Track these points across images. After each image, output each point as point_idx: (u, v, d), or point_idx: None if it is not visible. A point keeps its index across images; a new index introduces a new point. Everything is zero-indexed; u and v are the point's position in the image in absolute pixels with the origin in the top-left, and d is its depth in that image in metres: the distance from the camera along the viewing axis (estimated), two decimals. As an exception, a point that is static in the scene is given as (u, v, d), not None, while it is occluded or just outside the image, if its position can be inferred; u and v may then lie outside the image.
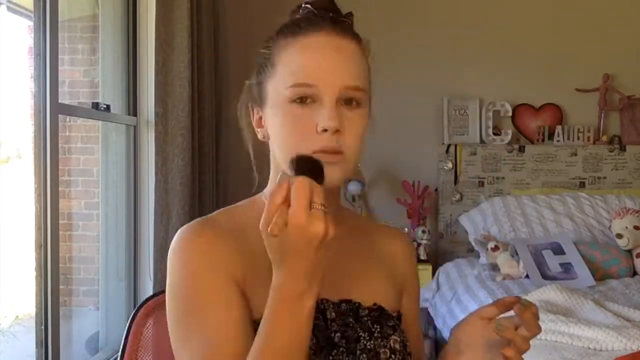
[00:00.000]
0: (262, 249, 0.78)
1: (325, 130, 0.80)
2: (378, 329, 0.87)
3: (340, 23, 0.86)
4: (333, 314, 0.86)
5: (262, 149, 0.93)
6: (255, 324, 0.79)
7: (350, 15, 0.90)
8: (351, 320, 0.87)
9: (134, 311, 1.12)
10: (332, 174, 0.79)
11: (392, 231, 1.04)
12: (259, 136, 0.90)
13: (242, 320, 0.80)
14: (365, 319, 0.88)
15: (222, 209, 0.93)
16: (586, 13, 3.50)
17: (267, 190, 0.93)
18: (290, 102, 0.82)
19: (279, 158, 0.86)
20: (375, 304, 0.89)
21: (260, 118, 0.90)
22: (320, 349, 0.83)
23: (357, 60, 0.85)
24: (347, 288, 0.89)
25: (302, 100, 0.82)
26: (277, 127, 0.85)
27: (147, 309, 1.11)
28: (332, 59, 0.82)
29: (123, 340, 1.09)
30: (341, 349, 0.84)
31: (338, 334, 0.85)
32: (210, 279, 0.82)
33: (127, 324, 1.10)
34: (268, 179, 0.94)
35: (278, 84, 0.84)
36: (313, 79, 0.81)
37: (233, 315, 0.80)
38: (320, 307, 0.85)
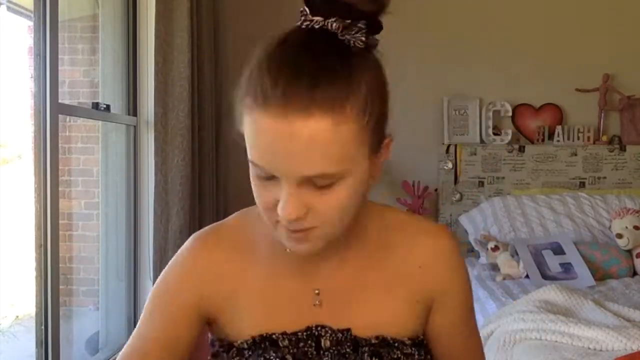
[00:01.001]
0: (262, 267, 0.82)
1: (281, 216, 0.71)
2: None
3: (300, 95, 0.66)
4: (328, 342, 0.81)
5: None
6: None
7: (358, 31, 0.70)
8: (349, 351, 0.81)
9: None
10: (300, 249, 0.75)
11: (423, 228, 0.88)
12: None
13: (168, 341, 0.82)
14: (364, 350, 0.81)
15: (240, 212, 0.90)
16: (586, 13, 3.50)
17: None
18: (256, 174, 0.73)
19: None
20: (377, 336, 0.81)
21: None
22: None
23: (321, 144, 0.67)
24: (349, 315, 0.82)
25: (264, 175, 0.71)
26: None
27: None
28: (285, 148, 0.67)
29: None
30: None
31: None
32: (175, 286, 0.85)
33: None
34: None
35: (246, 140, 0.73)
36: (266, 164, 0.70)
37: (170, 321, 0.83)
38: (314, 334, 0.81)
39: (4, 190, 3.07)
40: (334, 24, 0.69)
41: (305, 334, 0.81)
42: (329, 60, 0.69)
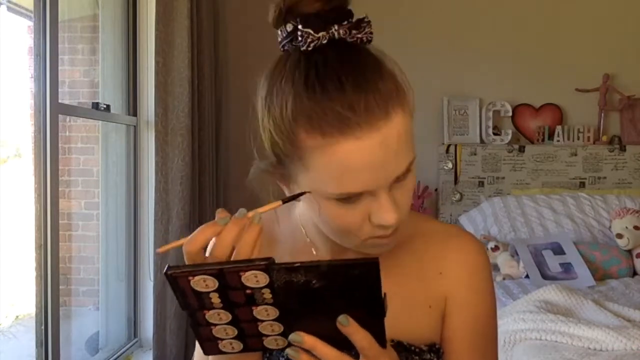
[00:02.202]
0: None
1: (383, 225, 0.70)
2: None
3: (377, 100, 0.66)
4: None
5: None
6: None
7: (365, 27, 0.71)
8: None
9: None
10: (383, 250, 0.75)
11: (448, 235, 0.87)
12: (286, 192, 0.78)
13: None
14: None
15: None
16: (586, 13, 3.50)
17: (303, 214, 0.85)
18: (336, 199, 0.70)
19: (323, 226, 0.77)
20: (393, 340, 0.78)
21: (287, 182, 0.76)
22: None
23: (404, 137, 0.69)
24: None
25: (346, 199, 0.69)
26: (319, 213, 0.73)
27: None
28: (381, 159, 0.67)
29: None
30: None
31: None
32: None
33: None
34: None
35: (315, 183, 0.70)
36: (361, 186, 0.68)
37: None
38: None
39: (4, 190, 3.07)
40: (340, 31, 0.69)
41: None
42: (359, 61, 0.69)
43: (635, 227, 2.81)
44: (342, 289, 0.60)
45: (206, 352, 0.66)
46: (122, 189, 2.73)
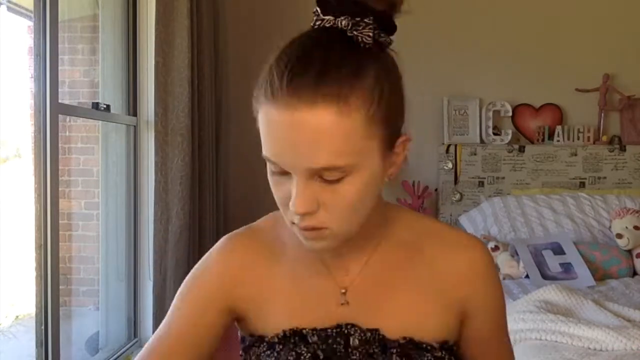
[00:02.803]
0: (288, 268, 0.85)
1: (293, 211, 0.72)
2: None
3: (306, 86, 0.68)
4: (357, 341, 0.81)
5: None
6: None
7: (365, 27, 0.72)
8: (377, 351, 0.81)
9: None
10: (315, 246, 0.76)
11: (457, 239, 0.87)
12: None
13: (193, 336, 0.84)
14: (393, 351, 0.80)
15: (270, 214, 0.91)
16: (586, 13, 3.50)
17: None
18: (270, 170, 0.75)
19: None
20: (405, 337, 0.81)
21: None
22: None
23: (327, 134, 0.68)
24: (379, 315, 0.82)
25: (277, 170, 0.73)
26: None
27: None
28: (292, 140, 0.69)
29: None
30: None
31: None
32: (203, 281, 0.87)
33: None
34: None
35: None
36: (275, 157, 0.72)
37: (196, 315, 0.85)
38: (344, 332, 0.81)
39: (4, 190, 3.08)
40: (344, 22, 0.71)
41: (334, 331, 0.81)
42: (336, 54, 0.70)
43: (635, 227, 2.81)
44: None
45: None
46: (122, 189, 2.73)
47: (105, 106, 2.50)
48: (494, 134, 3.44)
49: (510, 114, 3.47)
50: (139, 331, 2.77)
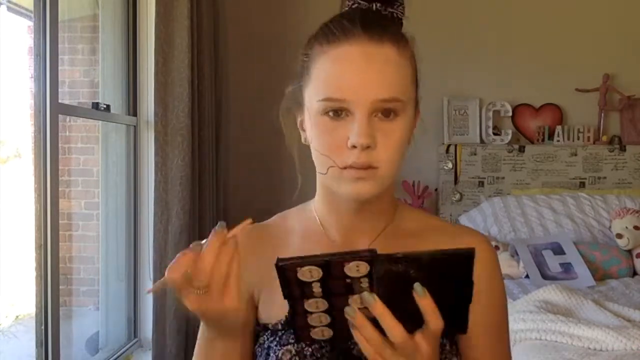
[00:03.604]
0: (301, 249, 0.87)
1: (355, 146, 0.78)
2: None
3: (375, 25, 0.81)
4: None
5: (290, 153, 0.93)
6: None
7: (399, 5, 0.86)
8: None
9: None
10: (361, 189, 0.80)
11: (460, 233, 0.93)
12: (302, 139, 0.89)
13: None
14: None
15: (279, 214, 0.97)
16: (586, 13, 3.50)
17: (316, 195, 0.93)
18: (322, 114, 0.80)
19: (316, 165, 0.86)
20: None
21: (302, 121, 0.89)
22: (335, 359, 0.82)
23: (393, 68, 0.80)
24: None
25: (334, 113, 0.79)
26: (312, 136, 0.84)
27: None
28: (363, 71, 0.78)
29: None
30: None
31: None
32: None
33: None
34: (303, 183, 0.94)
35: (311, 94, 0.82)
36: (343, 93, 0.78)
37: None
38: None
39: (4, 190, 3.08)
40: (378, 4, 0.85)
41: None
42: (385, 18, 0.85)
43: (635, 227, 2.81)
44: (438, 277, 0.65)
45: (298, 338, 0.73)
46: (122, 189, 2.73)
47: (105, 106, 2.50)
48: (494, 134, 3.44)
49: (510, 114, 3.47)
50: (139, 331, 2.77)
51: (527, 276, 2.66)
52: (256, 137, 3.18)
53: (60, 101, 2.07)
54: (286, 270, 0.64)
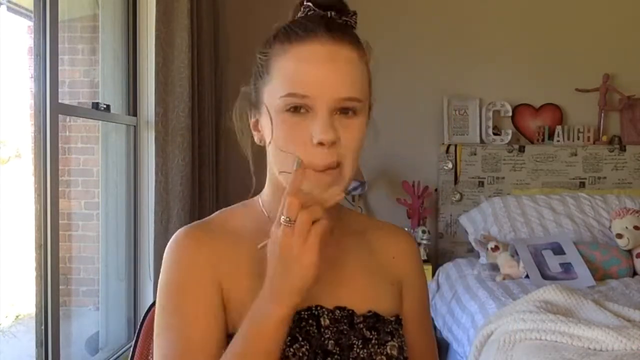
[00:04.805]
0: (253, 255, 0.84)
1: (321, 143, 0.80)
2: (375, 336, 0.87)
3: (336, 29, 0.83)
4: (327, 321, 0.86)
5: (259, 154, 0.93)
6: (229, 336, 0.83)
7: (352, 15, 0.88)
8: (346, 327, 0.86)
9: (146, 310, 1.11)
10: (336, 196, 0.80)
11: (393, 230, 1.02)
12: (256, 139, 0.91)
13: (217, 323, 0.83)
14: (360, 325, 0.87)
15: (220, 211, 0.96)
16: (586, 13, 3.50)
17: (265, 194, 0.94)
18: (284, 111, 0.82)
19: (274, 163, 0.87)
20: (370, 311, 0.89)
21: (257, 122, 0.90)
22: (314, 356, 0.83)
23: (354, 69, 0.83)
24: (342, 294, 0.89)
25: (295, 109, 0.81)
26: (272, 134, 0.84)
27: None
28: (326, 69, 0.81)
29: (134, 340, 1.10)
30: (335, 356, 0.84)
31: (332, 342, 0.85)
32: (194, 280, 0.85)
33: (140, 323, 1.10)
34: (264, 183, 0.96)
35: (272, 92, 0.84)
36: (306, 90, 0.80)
37: (210, 315, 0.83)
38: (314, 314, 0.86)
39: (4, 190, 3.07)
40: (333, 13, 0.86)
41: (306, 313, 0.85)
42: (344, 24, 0.87)
43: (635, 227, 2.81)
44: None
45: None
46: (122, 189, 2.73)
47: (105, 106, 2.50)
48: (494, 134, 3.44)
49: (510, 114, 3.47)
50: (139, 331, 2.77)
51: (527, 276, 2.66)
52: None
53: (60, 101, 2.07)
54: None
